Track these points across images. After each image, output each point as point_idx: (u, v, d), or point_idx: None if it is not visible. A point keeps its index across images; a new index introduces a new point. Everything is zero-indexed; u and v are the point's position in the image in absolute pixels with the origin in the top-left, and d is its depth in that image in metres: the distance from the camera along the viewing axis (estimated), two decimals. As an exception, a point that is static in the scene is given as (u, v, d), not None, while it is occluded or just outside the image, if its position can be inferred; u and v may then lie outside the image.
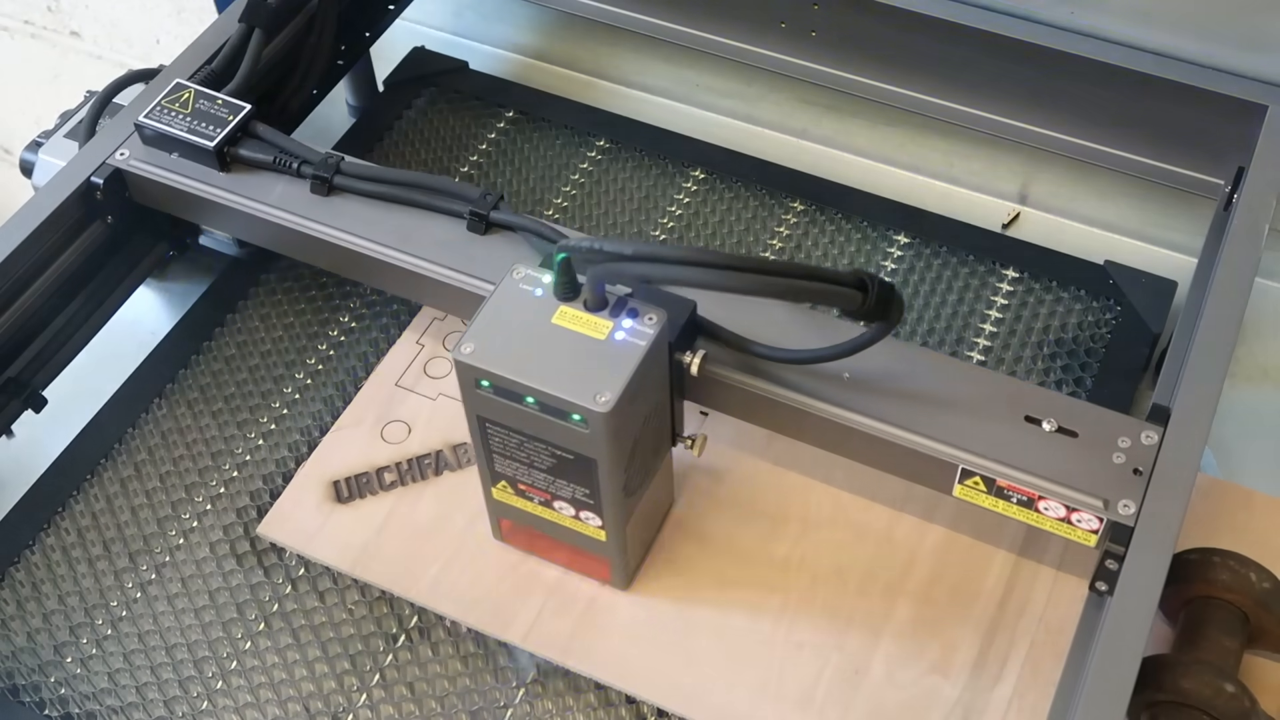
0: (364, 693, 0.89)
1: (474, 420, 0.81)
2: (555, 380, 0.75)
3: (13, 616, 0.94)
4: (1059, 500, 0.80)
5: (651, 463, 0.85)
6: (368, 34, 1.21)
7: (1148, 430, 0.82)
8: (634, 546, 0.89)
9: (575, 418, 0.75)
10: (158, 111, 0.98)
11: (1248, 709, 0.78)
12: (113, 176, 0.99)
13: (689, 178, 1.19)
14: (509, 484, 0.85)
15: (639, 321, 0.78)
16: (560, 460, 0.80)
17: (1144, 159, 1.09)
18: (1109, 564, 0.81)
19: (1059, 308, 1.07)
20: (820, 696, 0.86)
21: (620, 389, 0.74)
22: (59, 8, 1.81)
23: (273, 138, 0.98)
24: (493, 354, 0.76)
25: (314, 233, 0.95)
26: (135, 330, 1.09)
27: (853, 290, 0.75)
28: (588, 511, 0.84)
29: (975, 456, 0.81)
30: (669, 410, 0.85)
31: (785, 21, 1.15)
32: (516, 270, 0.80)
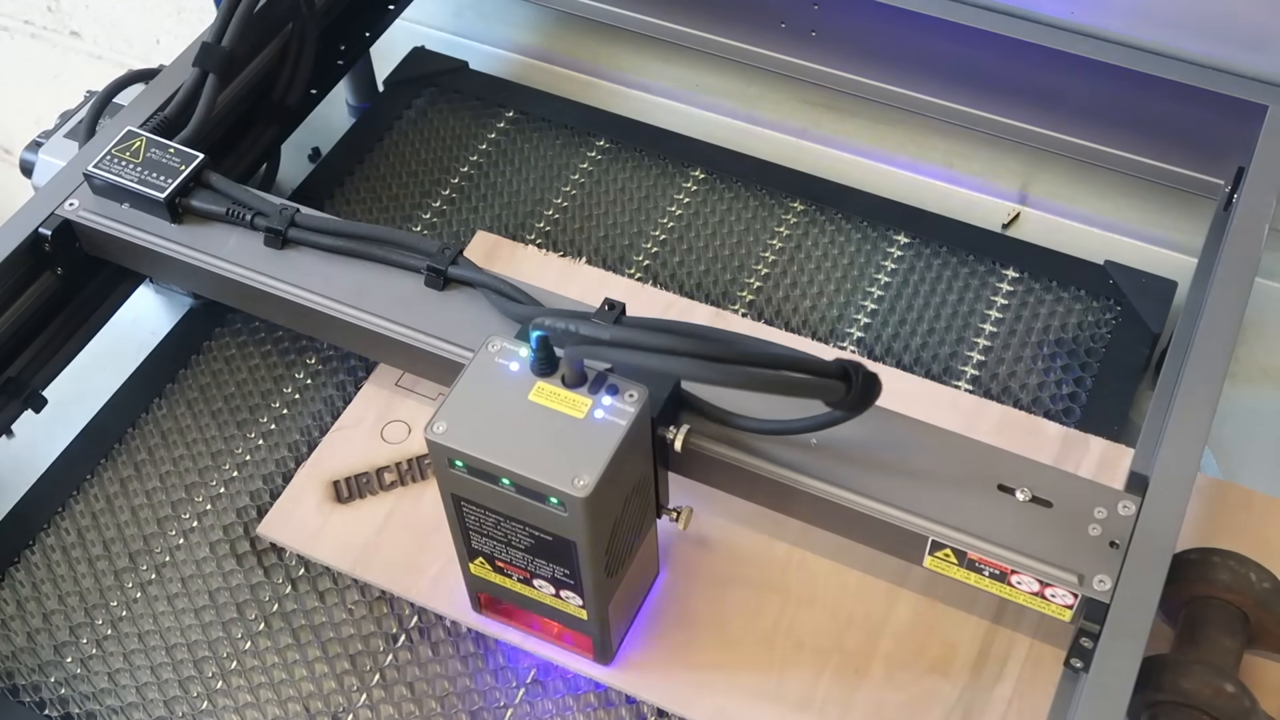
0: (364, 693, 0.89)
1: (448, 498, 0.78)
2: (531, 462, 0.72)
3: (13, 616, 0.94)
4: (1032, 575, 0.77)
5: (634, 539, 0.83)
6: (368, 34, 1.21)
7: (1125, 500, 0.79)
8: (617, 623, 0.86)
9: (553, 501, 0.73)
10: (108, 161, 0.95)
11: (1248, 709, 0.78)
12: (61, 227, 0.95)
13: (689, 178, 1.19)
14: (486, 561, 0.83)
15: (619, 399, 0.74)
16: (539, 540, 0.77)
17: (1144, 159, 1.09)
18: (1084, 641, 0.78)
19: (1059, 308, 1.07)
20: (820, 696, 0.86)
21: (600, 472, 0.72)
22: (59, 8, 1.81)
23: (226, 188, 0.95)
24: (466, 433, 0.74)
25: (267, 288, 0.92)
26: (135, 330, 1.09)
27: (836, 381, 0.72)
28: (568, 591, 0.81)
29: (946, 528, 0.78)
30: (652, 485, 0.82)
31: (785, 21, 1.15)
32: (492, 343, 0.77)
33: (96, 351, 1.04)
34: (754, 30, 1.18)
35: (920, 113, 1.15)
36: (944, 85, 1.13)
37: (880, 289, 1.09)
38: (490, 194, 1.18)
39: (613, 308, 0.81)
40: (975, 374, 1.04)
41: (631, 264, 1.12)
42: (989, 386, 1.03)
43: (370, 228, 0.94)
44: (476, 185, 1.19)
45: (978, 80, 1.11)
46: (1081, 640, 0.78)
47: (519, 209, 1.17)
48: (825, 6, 1.13)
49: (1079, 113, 1.09)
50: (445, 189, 1.19)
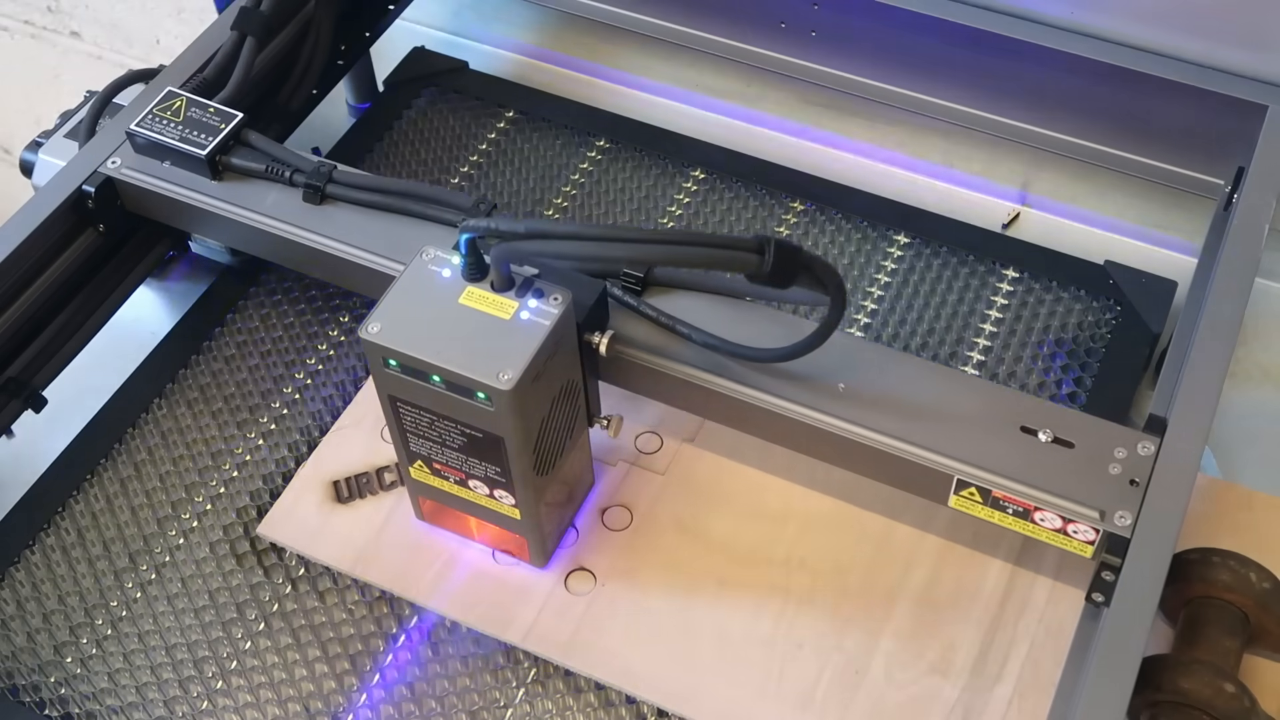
0: (364, 693, 0.89)
1: (385, 399, 0.82)
2: (460, 359, 0.76)
3: (13, 616, 0.94)
4: (1055, 511, 0.79)
5: (564, 442, 0.86)
6: (368, 34, 1.21)
7: (1144, 441, 0.82)
8: (550, 524, 0.90)
9: (480, 395, 0.77)
10: (149, 120, 0.98)
11: (1248, 709, 0.78)
12: (104, 185, 0.98)
13: (689, 178, 1.19)
14: (424, 463, 0.86)
15: (544, 302, 0.79)
16: (470, 438, 0.81)
17: (1144, 159, 1.09)
18: (1105, 575, 0.81)
19: (1059, 308, 1.07)
20: (820, 696, 0.86)
21: (523, 367, 0.76)
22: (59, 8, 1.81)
23: (265, 146, 0.98)
24: (399, 333, 0.78)
25: (306, 241, 0.95)
26: (135, 330, 1.09)
27: (748, 254, 0.73)
28: (501, 490, 0.85)
29: (971, 467, 0.81)
30: (582, 391, 0.86)
31: (785, 21, 1.15)
32: (426, 251, 0.81)
33: (96, 351, 1.04)
34: (754, 30, 1.18)
35: (920, 113, 1.15)
36: (944, 85, 1.13)
37: (880, 289, 1.09)
38: (490, 194, 1.18)
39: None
40: (975, 374, 1.03)
41: (631, 264, 1.12)
42: (989, 386, 1.03)
43: (405, 183, 0.96)
44: (477, 185, 1.19)
45: (978, 80, 1.11)
46: (1103, 574, 0.81)
47: (519, 209, 1.17)
48: (825, 6, 1.13)
49: (1079, 113, 1.09)
50: (445, 189, 1.19)
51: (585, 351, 0.84)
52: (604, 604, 0.91)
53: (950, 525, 0.93)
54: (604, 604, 0.91)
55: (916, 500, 0.93)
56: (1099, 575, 0.82)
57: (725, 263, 0.74)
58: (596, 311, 0.84)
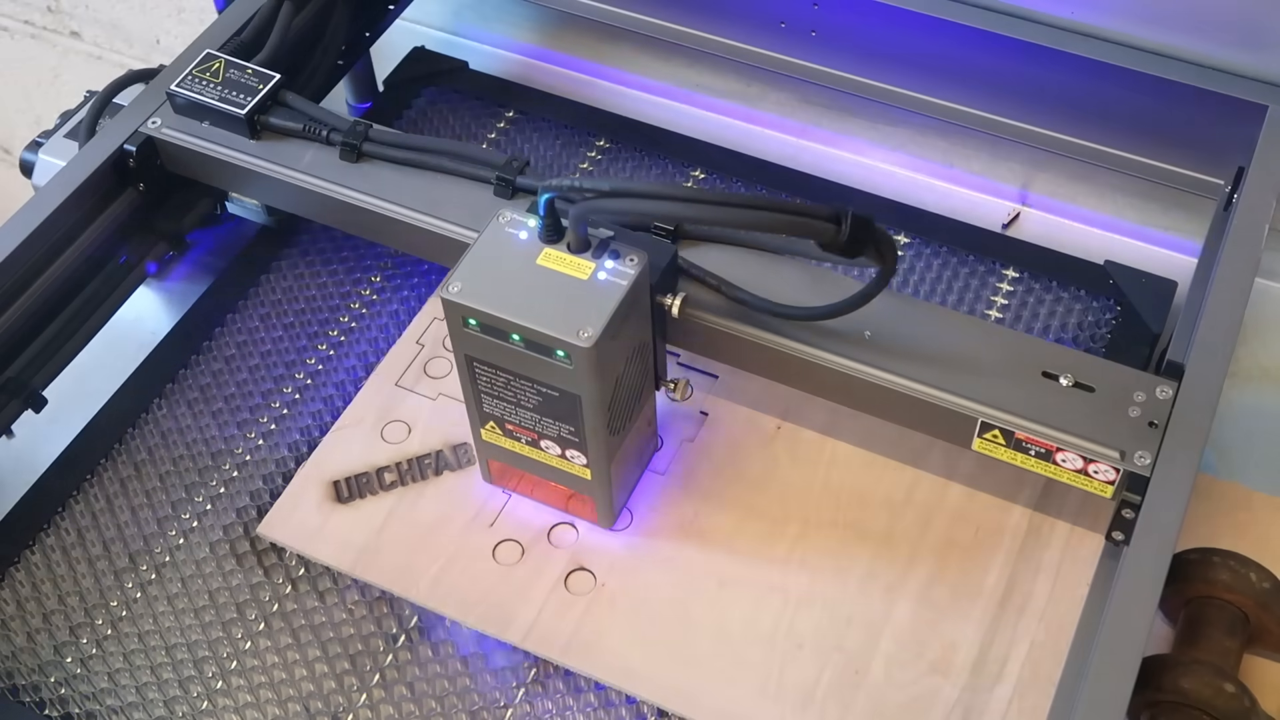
0: (364, 693, 0.89)
1: (461, 360, 0.83)
2: (540, 317, 0.78)
3: (13, 616, 0.94)
4: (1076, 452, 0.82)
5: (634, 404, 0.88)
6: (368, 34, 1.21)
7: (1162, 385, 0.84)
8: (619, 485, 0.91)
9: (559, 354, 0.78)
10: (189, 80, 1.01)
11: (1248, 709, 0.78)
12: (145, 144, 1.01)
13: (689, 178, 1.18)
14: (497, 424, 0.88)
15: (620, 262, 0.80)
16: (546, 398, 0.82)
17: (1144, 159, 1.09)
18: (1125, 513, 0.84)
19: (1059, 308, 1.07)
20: (820, 696, 0.86)
21: (603, 325, 0.77)
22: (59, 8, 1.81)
23: (302, 106, 1.00)
24: (479, 292, 0.79)
25: (344, 197, 0.97)
26: (135, 330, 1.09)
27: (825, 223, 0.76)
28: (573, 450, 0.86)
29: (995, 410, 0.84)
30: (651, 353, 0.87)
31: (785, 21, 1.15)
32: (503, 214, 0.83)
33: (96, 351, 1.04)
34: (754, 30, 1.18)
35: (920, 113, 1.15)
36: (944, 85, 1.13)
37: (880, 289, 1.09)
38: (490, 194, 1.18)
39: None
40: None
41: (631, 264, 1.12)
42: (989, 386, 1.03)
43: (440, 141, 0.98)
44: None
45: (978, 80, 1.11)
46: (1123, 512, 0.84)
47: (519, 209, 1.16)
48: (825, 6, 1.13)
49: (1079, 113, 1.09)
50: (445, 189, 1.18)
51: (656, 313, 0.85)
52: (604, 604, 0.91)
53: (951, 525, 0.93)
54: (604, 604, 0.91)
55: (917, 501, 0.94)
56: (1119, 513, 0.84)
57: (803, 230, 0.76)
58: (669, 274, 0.86)
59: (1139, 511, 0.81)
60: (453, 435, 0.99)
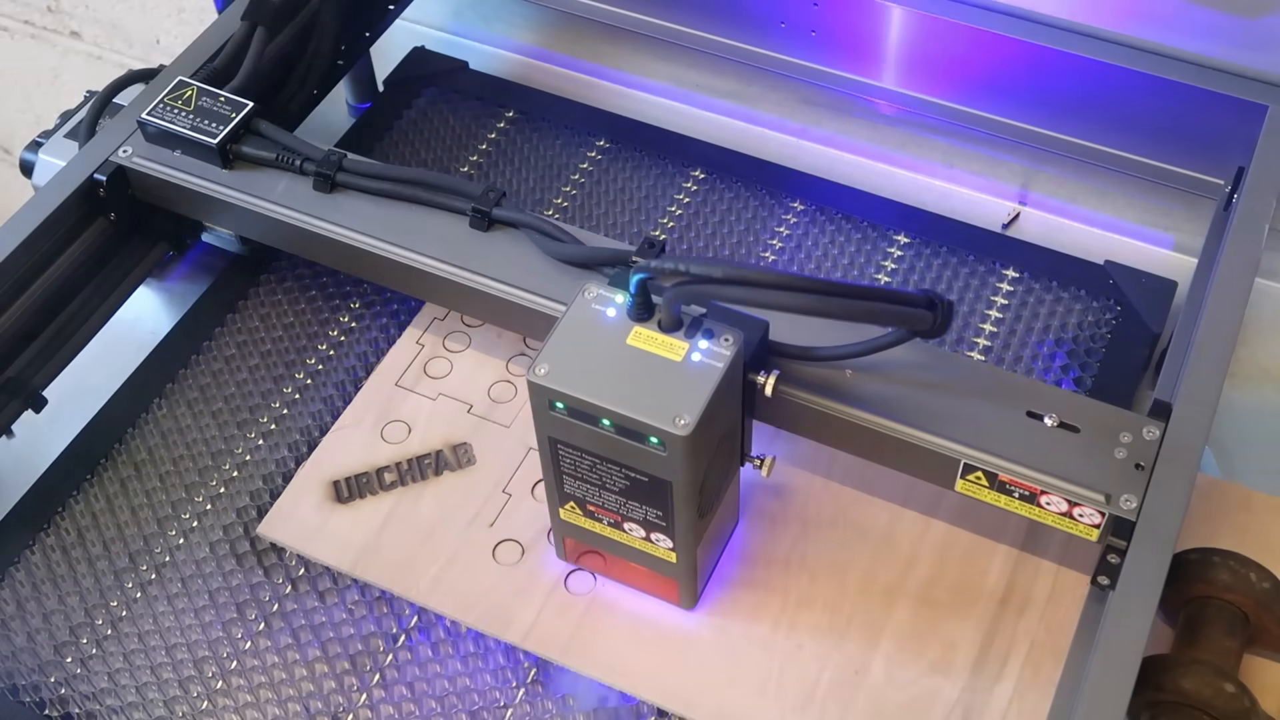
0: (364, 693, 0.89)
1: (545, 442, 0.80)
2: (633, 402, 0.74)
3: (13, 616, 0.94)
4: (1061, 495, 0.80)
5: (722, 484, 0.84)
6: (368, 34, 1.21)
7: (1149, 425, 0.83)
8: (704, 567, 0.88)
9: (653, 440, 0.75)
10: (161, 109, 0.99)
11: (1248, 709, 0.78)
12: (116, 173, 0.99)
13: (689, 178, 1.19)
14: (577, 505, 0.84)
15: (715, 343, 0.77)
16: (634, 483, 0.79)
17: (1144, 159, 1.09)
18: (1111, 558, 0.82)
19: (1059, 308, 1.07)
20: (820, 696, 0.86)
21: (700, 411, 0.74)
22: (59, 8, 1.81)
23: (275, 135, 0.99)
24: (568, 375, 0.75)
25: (317, 229, 0.96)
26: (135, 330, 1.09)
27: (924, 310, 0.76)
28: (659, 534, 0.83)
29: (978, 451, 0.82)
30: (739, 430, 0.84)
31: (785, 21, 1.15)
32: (588, 290, 0.79)
33: (96, 351, 1.04)
34: (754, 30, 1.18)
35: (920, 113, 1.15)
36: (944, 85, 1.13)
37: (880, 289, 1.09)
38: (490, 194, 1.18)
39: (653, 245, 0.87)
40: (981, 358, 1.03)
41: (631, 264, 1.12)
42: (989, 386, 1.03)
43: (415, 171, 0.98)
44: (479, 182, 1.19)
45: (978, 80, 1.11)
46: (1109, 557, 0.82)
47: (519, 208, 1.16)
48: (825, 6, 1.13)
49: (1079, 113, 1.09)
50: (445, 189, 1.18)
51: (748, 391, 0.82)
52: (604, 604, 0.91)
53: (951, 525, 0.93)
54: (604, 604, 0.91)
55: (917, 499, 0.93)
56: (1104, 558, 0.82)
57: (899, 320, 0.77)
58: (760, 351, 0.82)
59: (1124, 557, 0.79)
60: (453, 435, 0.99)
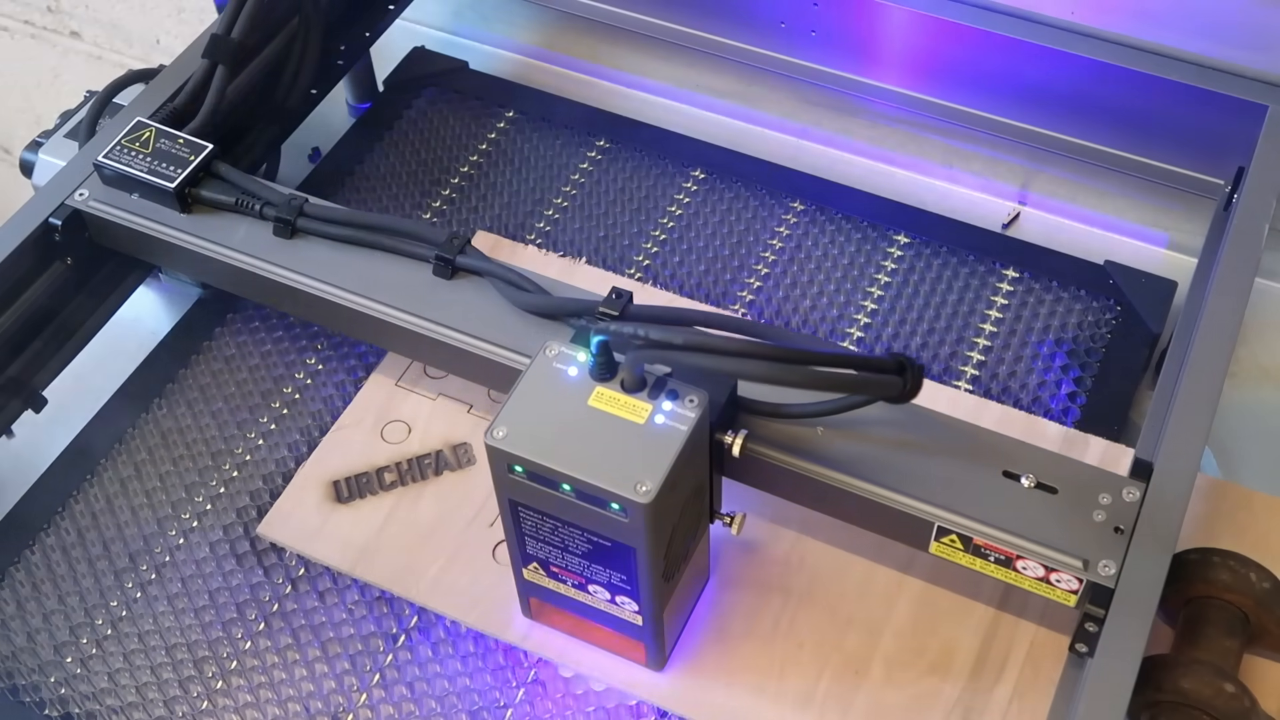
0: (364, 693, 0.89)
1: (505, 504, 0.78)
2: (593, 468, 0.72)
3: (13, 616, 0.94)
4: (1037, 560, 0.77)
5: (690, 544, 0.83)
6: (368, 34, 1.21)
7: (1129, 486, 0.79)
8: (671, 628, 0.86)
9: (614, 506, 0.73)
10: (118, 151, 0.96)
11: (1248, 709, 0.78)
12: (71, 217, 0.96)
13: (689, 178, 1.19)
14: (541, 566, 0.82)
15: (679, 404, 0.74)
16: (597, 546, 0.77)
17: (1144, 159, 1.09)
18: (1088, 626, 0.79)
19: (1059, 308, 1.07)
20: (820, 696, 0.86)
21: (662, 477, 0.72)
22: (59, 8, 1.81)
23: (235, 178, 0.96)
24: (527, 438, 0.74)
25: (276, 277, 0.93)
26: (135, 330, 1.09)
27: (893, 376, 0.73)
28: (624, 596, 0.81)
29: (951, 514, 0.79)
30: (708, 489, 0.82)
31: (785, 21, 1.15)
32: (549, 348, 0.77)
33: (96, 351, 1.04)
34: (754, 30, 1.18)
35: (920, 113, 1.15)
36: (944, 85, 1.13)
37: (880, 289, 1.09)
38: (490, 194, 1.18)
39: (619, 296, 0.84)
40: (975, 374, 1.04)
41: (631, 264, 1.12)
42: (989, 386, 1.03)
43: (378, 217, 0.95)
44: (476, 185, 1.19)
45: (978, 80, 1.11)
46: (1086, 625, 0.79)
47: (519, 209, 1.17)
48: (825, 6, 1.13)
49: (1079, 113, 1.09)
50: (445, 189, 1.19)
51: (715, 451, 0.80)
52: (604, 604, 0.91)
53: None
54: (604, 604, 0.91)
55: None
56: (1082, 625, 0.80)
57: (870, 388, 0.75)
58: (728, 410, 0.80)
59: (1103, 626, 0.76)
60: (453, 435, 0.99)
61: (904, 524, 0.80)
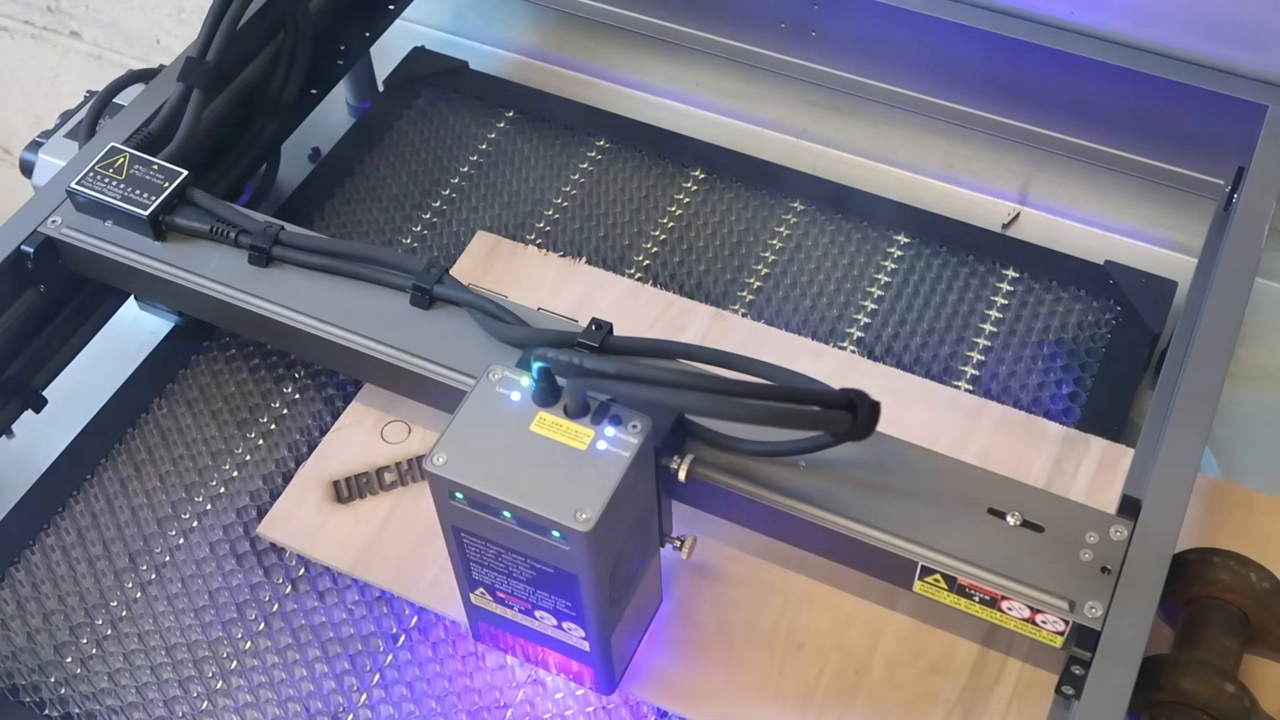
0: (364, 693, 0.89)
1: (448, 529, 0.77)
2: (533, 495, 0.71)
3: (13, 616, 0.94)
4: (1023, 601, 0.76)
5: (637, 569, 0.82)
6: (368, 34, 1.21)
7: (1116, 525, 0.78)
8: (619, 653, 0.85)
9: (555, 534, 0.72)
10: (91, 178, 0.94)
11: (1248, 709, 0.78)
12: (44, 245, 0.95)
13: (689, 178, 1.19)
14: (487, 591, 0.81)
15: (622, 430, 0.73)
16: (540, 573, 0.76)
17: (1144, 159, 1.09)
18: (1075, 669, 0.78)
19: (1059, 308, 1.07)
20: (820, 696, 0.86)
21: (602, 505, 0.71)
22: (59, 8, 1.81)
23: (210, 205, 0.94)
24: (467, 465, 0.73)
25: (250, 306, 0.91)
26: (135, 330, 1.09)
27: (842, 412, 0.72)
28: (570, 622, 0.80)
29: (935, 553, 0.78)
30: (656, 514, 0.81)
31: (785, 21, 1.16)
32: (493, 372, 0.76)
33: (96, 351, 1.04)
34: (754, 30, 1.18)
35: (920, 113, 1.15)
36: (944, 85, 1.13)
37: (880, 289, 1.09)
38: (490, 194, 1.18)
39: (599, 327, 0.82)
40: (975, 374, 1.04)
41: (631, 264, 1.12)
42: (989, 386, 1.03)
43: (355, 246, 0.93)
44: (476, 185, 1.19)
45: (978, 80, 1.11)
46: (1073, 668, 0.78)
47: (519, 209, 1.17)
48: (825, 6, 1.13)
49: (1079, 113, 1.09)
50: (445, 189, 1.19)
51: (662, 476, 0.79)
52: (604, 604, 0.90)
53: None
54: (604, 604, 0.90)
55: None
56: (1069, 668, 0.78)
57: (816, 423, 0.73)
58: (675, 435, 0.79)
59: (1089, 669, 0.75)
60: (453, 435, 0.99)
61: (887, 563, 0.79)
